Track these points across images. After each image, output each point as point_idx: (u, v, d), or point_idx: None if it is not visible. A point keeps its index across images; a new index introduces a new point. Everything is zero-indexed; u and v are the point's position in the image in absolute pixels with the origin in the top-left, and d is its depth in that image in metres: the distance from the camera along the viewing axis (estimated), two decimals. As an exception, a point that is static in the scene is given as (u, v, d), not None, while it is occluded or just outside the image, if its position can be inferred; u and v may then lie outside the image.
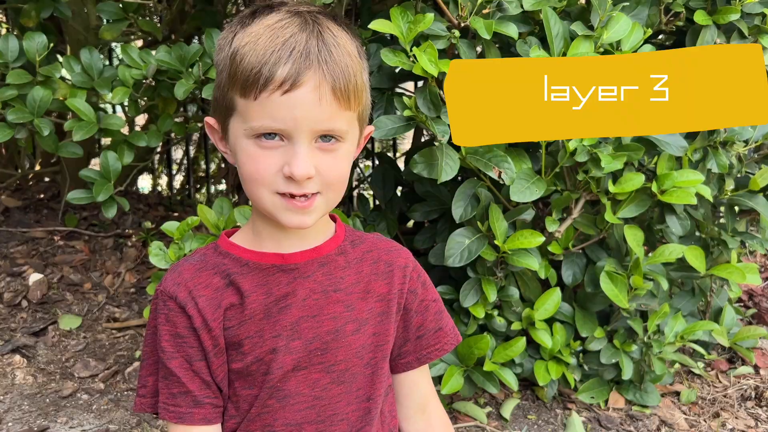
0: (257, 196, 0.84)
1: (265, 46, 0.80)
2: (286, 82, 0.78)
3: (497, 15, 1.55)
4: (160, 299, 0.88)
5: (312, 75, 0.79)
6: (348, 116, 0.84)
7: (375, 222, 1.84)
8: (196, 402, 0.87)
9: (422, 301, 0.98)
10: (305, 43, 0.80)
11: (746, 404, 2.05)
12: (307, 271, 0.89)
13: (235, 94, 0.83)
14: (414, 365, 1.00)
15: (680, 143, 1.68)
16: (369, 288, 0.93)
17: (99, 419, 1.75)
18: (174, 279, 0.88)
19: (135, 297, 2.29)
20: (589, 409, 1.94)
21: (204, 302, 0.86)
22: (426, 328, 0.99)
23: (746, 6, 1.69)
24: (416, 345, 0.98)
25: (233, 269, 0.89)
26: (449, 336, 1.01)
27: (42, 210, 2.72)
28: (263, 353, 0.87)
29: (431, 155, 1.56)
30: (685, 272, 1.92)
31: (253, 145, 0.82)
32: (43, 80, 1.71)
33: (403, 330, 0.98)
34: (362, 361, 0.92)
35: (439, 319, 1.00)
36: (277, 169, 0.81)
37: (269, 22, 0.82)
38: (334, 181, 0.84)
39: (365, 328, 0.92)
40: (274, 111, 0.80)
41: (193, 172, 3.40)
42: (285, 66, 0.79)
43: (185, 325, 0.86)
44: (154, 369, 0.90)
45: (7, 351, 1.96)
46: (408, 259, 0.98)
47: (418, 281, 0.98)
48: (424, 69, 1.41)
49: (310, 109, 0.80)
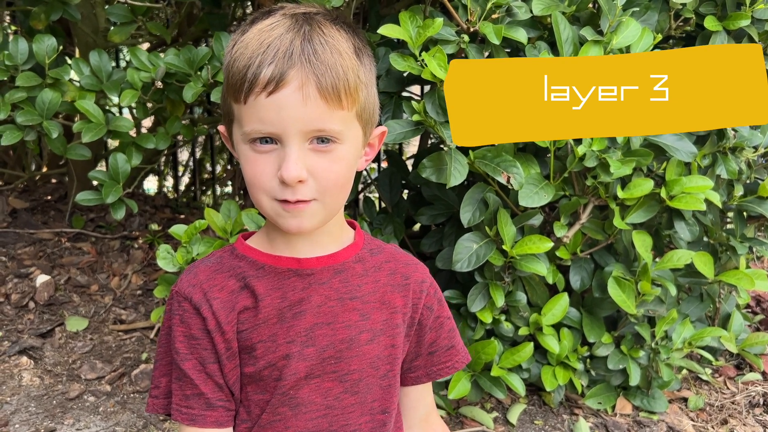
0: (258, 202, 0.84)
1: (252, 49, 0.80)
2: (270, 83, 0.78)
3: (506, 20, 1.55)
4: (175, 300, 0.88)
5: (295, 74, 0.78)
6: (342, 116, 0.82)
7: (381, 225, 1.84)
8: (209, 404, 0.87)
9: (437, 318, 0.98)
10: (290, 44, 0.79)
11: (754, 411, 2.04)
12: (323, 278, 0.89)
13: (231, 100, 0.83)
14: (423, 380, 1.00)
15: (689, 149, 1.67)
16: (385, 299, 0.92)
17: (105, 421, 1.75)
18: (189, 280, 0.88)
19: (141, 299, 2.30)
20: (596, 414, 1.93)
21: (218, 305, 0.86)
22: (439, 345, 0.99)
23: (757, 12, 1.68)
24: (427, 361, 0.98)
25: (249, 272, 0.88)
26: (460, 354, 1.01)
27: (49, 211, 2.72)
28: (276, 358, 0.87)
29: (440, 160, 1.56)
30: (693, 278, 1.92)
31: (250, 150, 0.82)
32: (52, 83, 1.71)
33: (416, 345, 0.97)
34: (378, 373, 0.92)
35: (452, 336, 1.00)
36: (273, 173, 0.81)
37: (261, 27, 0.82)
38: (329, 185, 0.82)
39: (379, 338, 0.91)
40: (261, 113, 0.79)
41: (199, 174, 3.41)
42: (269, 67, 0.78)
43: (199, 327, 0.86)
44: (168, 370, 0.90)
45: (14, 352, 1.96)
46: (425, 274, 0.98)
47: (435, 297, 0.98)
48: (433, 74, 1.40)
49: (295, 109, 0.78)
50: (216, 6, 2.39)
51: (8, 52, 1.68)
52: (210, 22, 2.31)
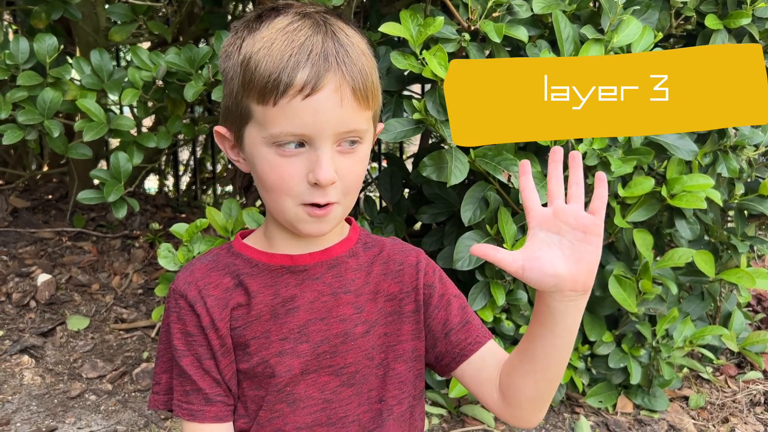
0: (281, 206, 0.83)
1: (281, 50, 0.78)
2: (306, 86, 0.77)
3: (507, 18, 1.55)
4: (172, 297, 0.89)
5: (332, 77, 0.78)
6: (367, 116, 0.83)
7: (382, 224, 1.84)
8: (208, 400, 0.87)
9: (442, 296, 0.93)
10: (322, 45, 0.79)
11: (755, 409, 2.04)
12: (316, 273, 0.89)
13: (251, 102, 0.81)
14: (454, 366, 0.92)
15: (690, 147, 1.67)
16: (378, 288, 0.92)
17: (107, 420, 1.75)
18: (186, 278, 0.89)
19: (143, 298, 2.30)
20: (597, 413, 1.93)
21: (212, 302, 0.86)
22: (452, 324, 0.92)
23: (758, 10, 1.68)
24: (446, 344, 0.92)
25: (243, 270, 0.89)
26: (479, 329, 0.93)
27: (50, 210, 2.72)
28: (269, 355, 0.87)
29: (440, 158, 1.56)
30: (694, 276, 1.92)
31: (274, 154, 0.81)
32: (53, 82, 1.71)
33: (429, 330, 0.93)
34: (373, 363, 0.91)
35: (464, 313, 0.93)
36: (302, 177, 0.80)
37: (280, 26, 0.80)
38: (351, 186, 0.83)
39: (375, 329, 0.91)
40: (295, 116, 0.78)
41: (200, 173, 3.41)
42: (304, 70, 0.77)
43: (194, 324, 0.87)
44: (168, 366, 0.91)
45: (16, 351, 1.96)
46: (420, 256, 0.96)
47: (434, 276, 0.95)
48: (434, 72, 1.40)
49: (332, 112, 0.78)
50: (217, 5, 2.39)
51: (9, 51, 1.69)
52: (211, 21, 2.31)
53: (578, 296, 0.77)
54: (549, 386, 0.85)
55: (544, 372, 0.83)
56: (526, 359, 0.84)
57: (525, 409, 0.87)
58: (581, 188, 0.79)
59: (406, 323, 0.93)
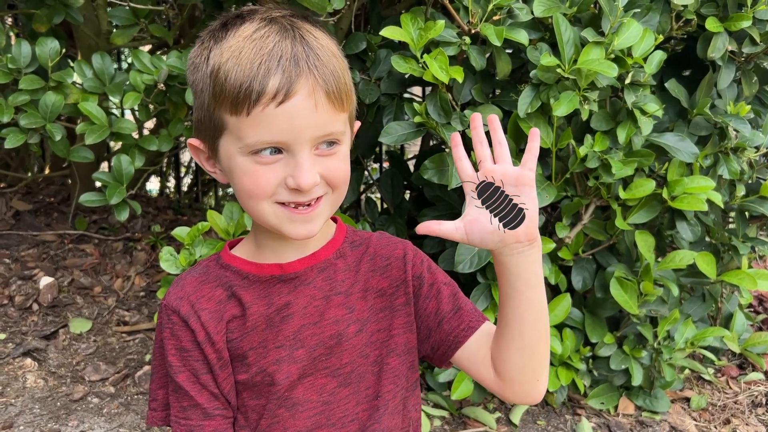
0: (258, 210, 0.82)
1: (250, 58, 0.77)
2: (279, 93, 0.76)
3: (508, 21, 1.55)
4: (164, 313, 0.88)
5: (304, 82, 0.77)
6: (343, 118, 0.83)
7: (384, 226, 1.84)
8: (206, 414, 0.87)
9: (432, 285, 0.93)
10: (291, 50, 0.78)
11: (757, 411, 2.04)
12: (307, 279, 0.88)
13: (223, 113, 0.79)
14: (450, 354, 0.92)
15: (691, 149, 1.67)
16: (367, 286, 0.91)
17: (109, 423, 1.76)
18: (177, 293, 0.88)
19: (145, 300, 2.30)
20: (598, 415, 1.93)
21: (206, 315, 0.86)
22: (443, 312, 0.91)
23: (758, 12, 1.68)
24: (440, 332, 0.91)
25: (235, 281, 0.88)
26: (472, 314, 0.92)
27: (52, 213, 2.73)
28: (267, 364, 0.87)
29: (441, 161, 1.57)
30: (695, 278, 1.92)
31: (250, 162, 0.80)
32: (55, 85, 1.72)
33: (422, 321, 0.93)
34: (368, 360, 0.91)
35: (455, 300, 0.93)
36: (279, 182, 0.79)
37: (247, 33, 0.79)
38: (340, 182, 0.83)
39: (367, 326, 0.91)
40: (270, 124, 0.77)
41: (201, 176, 3.41)
42: (275, 76, 0.76)
43: (189, 339, 0.86)
44: (164, 382, 0.90)
45: (19, 354, 1.97)
46: (406, 248, 0.95)
47: (422, 266, 0.94)
48: (435, 76, 1.41)
49: (307, 116, 0.78)
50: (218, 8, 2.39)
51: (11, 55, 1.69)
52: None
53: (525, 247, 0.80)
54: (532, 353, 0.86)
55: (522, 338, 0.84)
56: (502, 329, 0.86)
57: (518, 382, 0.88)
58: (505, 147, 0.82)
59: (397, 317, 0.92)
